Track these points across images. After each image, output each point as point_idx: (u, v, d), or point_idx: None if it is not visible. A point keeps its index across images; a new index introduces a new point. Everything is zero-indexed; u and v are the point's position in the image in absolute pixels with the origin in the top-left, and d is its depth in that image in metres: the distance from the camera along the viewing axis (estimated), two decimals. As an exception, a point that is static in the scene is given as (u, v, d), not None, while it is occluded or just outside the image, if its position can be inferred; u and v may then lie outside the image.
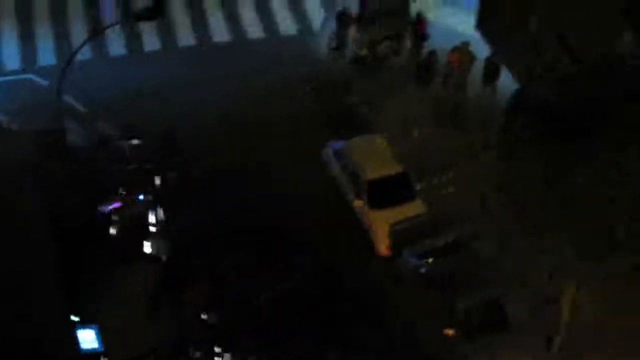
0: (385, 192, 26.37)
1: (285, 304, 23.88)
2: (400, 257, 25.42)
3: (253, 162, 27.98)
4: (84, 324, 22.31)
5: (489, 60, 30.34)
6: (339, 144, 28.09)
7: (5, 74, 31.65)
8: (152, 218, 25.20)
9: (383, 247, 25.86)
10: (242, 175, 27.39)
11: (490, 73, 30.40)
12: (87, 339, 22.13)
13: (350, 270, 25.04)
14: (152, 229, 25.07)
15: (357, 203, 26.68)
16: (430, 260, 24.86)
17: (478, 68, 30.40)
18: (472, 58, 30.35)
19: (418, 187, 27.01)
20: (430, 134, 29.43)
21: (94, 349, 22.17)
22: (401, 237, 25.61)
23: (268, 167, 27.88)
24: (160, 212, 25.39)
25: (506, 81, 29.73)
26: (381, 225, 25.88)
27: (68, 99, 29.05)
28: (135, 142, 27.19)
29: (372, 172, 26.67)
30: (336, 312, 24.00)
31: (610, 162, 25.53)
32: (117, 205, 25.56)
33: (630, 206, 25.09)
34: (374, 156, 27.30)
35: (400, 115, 29.92)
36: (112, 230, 25.13)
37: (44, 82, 30.95)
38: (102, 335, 22.13)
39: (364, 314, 24.15)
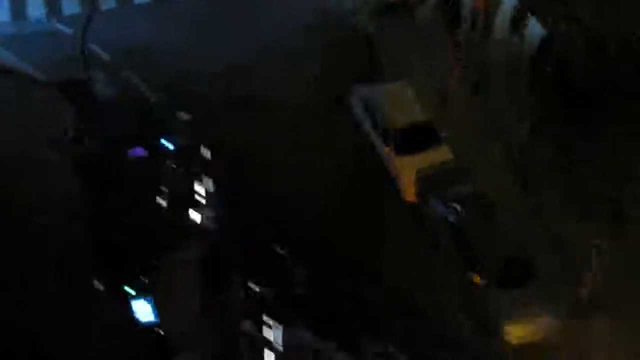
0: (412, 139, 26.28)
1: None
2: (427, 204, 25.35)
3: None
4: (137, 295, 22.11)
5: (517, 8, 29.93)
6: (365, 90, 27.93)
7: (30, 24, 31.48)
8: (200, 189, 25.01)
9: (409, 193, 25.80)
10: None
11: (518, 21, 30.01)
12: (143, 310, 22.07)
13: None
14: (201, 200, 24.89)
15: (386, 150, 26.58)
16: (458, 207, 24.76)
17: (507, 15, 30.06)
18: (497, 2, 29.91)
19: (444, 135, 26.82)
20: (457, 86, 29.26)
21: (150, 322, 22.13)
22: (427, 183, 25.53)
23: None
24: (209, 184, 25.24)
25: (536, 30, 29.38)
26: (407, 172, 25.81)
27: (93, 47, 28.96)
28: (185, 117, 26.84)
29: (399, 118, 26.56)
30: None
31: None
32: (141, 152, 25.22)
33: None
34: (400, 103, 27.14)
35: (425, 66, 29.66)
36: (162, 202, 24.88)
37: (68, 31, 30.81)
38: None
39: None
